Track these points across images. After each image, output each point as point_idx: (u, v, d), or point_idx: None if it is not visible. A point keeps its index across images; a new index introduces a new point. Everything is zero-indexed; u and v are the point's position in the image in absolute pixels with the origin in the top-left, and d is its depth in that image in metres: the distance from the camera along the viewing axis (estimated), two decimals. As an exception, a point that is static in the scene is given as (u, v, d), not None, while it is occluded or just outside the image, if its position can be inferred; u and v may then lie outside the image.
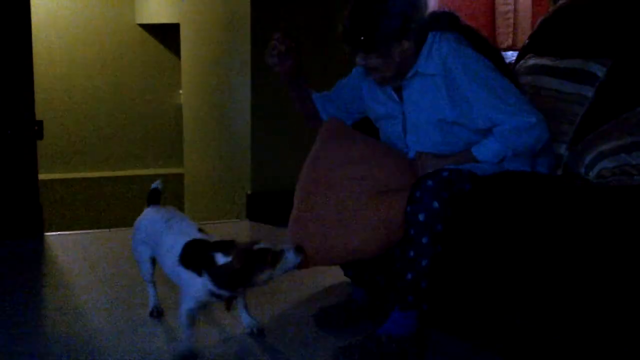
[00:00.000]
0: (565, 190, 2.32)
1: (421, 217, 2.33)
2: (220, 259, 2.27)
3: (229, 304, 2.43)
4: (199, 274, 2.30)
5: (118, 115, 6.81)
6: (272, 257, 2.29)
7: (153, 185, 2.79)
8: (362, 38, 2.41)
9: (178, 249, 2.38)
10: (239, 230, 4.26)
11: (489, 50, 2.51)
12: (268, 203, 4.39)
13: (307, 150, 2.68)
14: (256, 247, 2.29)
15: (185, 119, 5.74)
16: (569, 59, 2.80)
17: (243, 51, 4.40)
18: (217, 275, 2.28)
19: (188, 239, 2.39)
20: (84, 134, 6.71)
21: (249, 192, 4.45)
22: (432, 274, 2.38)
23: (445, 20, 2.51)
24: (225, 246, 2.30)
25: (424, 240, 2.34)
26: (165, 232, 2.50)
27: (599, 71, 2.69)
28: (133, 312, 2.83)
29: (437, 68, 2.45)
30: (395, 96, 2.58)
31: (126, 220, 6.31)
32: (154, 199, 2.75)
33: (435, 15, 2.51)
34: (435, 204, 2.32)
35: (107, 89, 6.74)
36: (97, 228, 4.34)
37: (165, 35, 6.62)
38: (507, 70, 2.54)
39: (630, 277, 1.98)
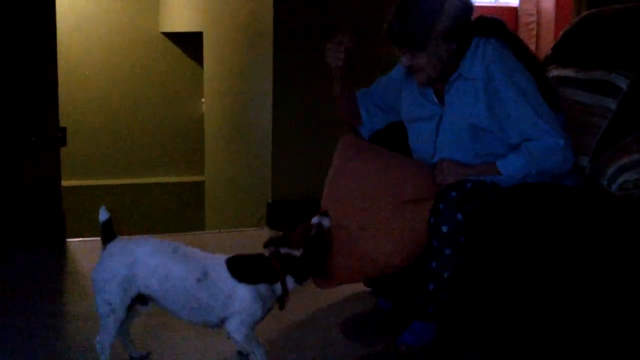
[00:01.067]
0: (588, 201, 2.31)
1: (444, 228, 2.32)
2: (295, 253, 2.28)
3: (282, 302, 2.32)
4: (257, 283, 2.23)
5: (140, 123, 6.85)
6: (319, 230, 2.32)
7: (104, 217, 2.31)
8: (411, 36, 2.41)
9: (221, 271, 2.24)
10: (260, 238, 4.25)
11: (531, 61, 2.49)
12: (289, 211, 4.40)
13: (328, 159, 2.69)
14: (306, 227, 2.31)
15: (207, 127, 5.76)
16: (592, 71, 2.79)
17: (265, 60, 4.42)
18: (299, 268, 2.28)
19: (219, 259, 2.27)
20: (106, 141, 6.76)
21: (269, 200, 4.46)
22: (454, 286, 2.38)
23: (492, 26, 2.50)
24: (282, 242, 2.31)
25: (447, 251, 2.34)
26: (180, 262, 2.24)
27: (623, 83, 2.68)
28: (154, 318, 2.83)
29: (480, 72, 2.43)
30: (435, 99, 2.57)
31: (148, 227, 6.36)
32: (110, 231, 2.31)
33: (482, 19, 2.50)
34: (459, 216, 2.32)
35: (130, 96, 6.78)
36: (119, 235, 4.35)
37: (188, 43, 6.65)
38: (547, 84, 2.51)
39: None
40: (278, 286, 2.28)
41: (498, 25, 2.51)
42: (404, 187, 2.47)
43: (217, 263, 2.25)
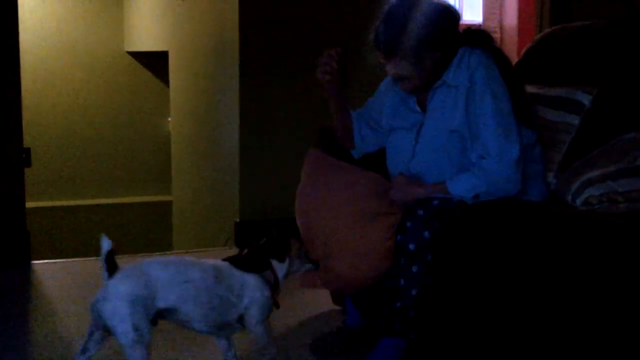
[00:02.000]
0: (553, 218, 2.33)
1: (412, 246, 2.33)
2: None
3: (277, 301, 2.39)
4: (259, 272, 2.35)
5: (106, 143, 6.81)
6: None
7: (108, 246, 2.21)
8: (397, 44, 2.42)
9: (228, 268, 2.33)
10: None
11: (511, 76, 2.51)
12: (257, 231, 4.38)
13: (296, 178, 2.69)
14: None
15: (174, 146, 5.74)
16: (555, 88, 2.83)
17: (231, 79, 4.42)
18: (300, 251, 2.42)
19: (219, 261, 2.38)
20: (71, 161, 6.71)
21: (237, 219, 4.44)
22: (422, 303, 2.38)
23: (478, 37, 2.52)
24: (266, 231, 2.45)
25: (414, 269, 2.35)
26: (194, 267, 2.29)
27: (585, 99, 2.72)
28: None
29: (464, 80, 2.45)
30: (417, 108, 2.59)
31: (115, 248, 6.30)
32: (113, 260, 2.23)
33: (469, 31, 2.52)
34: (426, 234, 2.33)
35: (95, 116, 6.75)
36: (85, 256, 4.31)
37: (154, 63, 6.63)
38: (523, 100, 2.53)
39: (618, 303, 1.99)
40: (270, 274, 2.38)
41: (484, 37, 2.54)
42: (367, 202, 2.48)
43: (220, 263, 2.34)
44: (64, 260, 4.20)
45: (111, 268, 2.19)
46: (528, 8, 5.76)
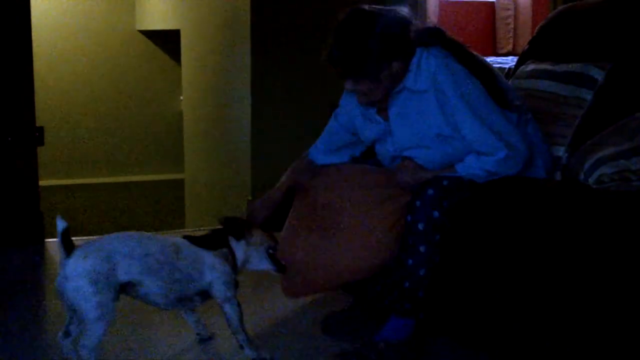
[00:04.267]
0: (564, 196, 2.33)
1: (420, 226, 2.33)
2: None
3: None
4: (217, 248, 2.38)
5: (118, 121, 6.82)
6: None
7: (63, 226, 2.21)
8: (351, 66, 2.38)
9: (187, 245, 2.36)
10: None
11: (475, 65, 2.47)
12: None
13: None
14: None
15: (186, 124, 5.74)
16: (567, 64, 2.81)
17: (243, 57, 4.41)
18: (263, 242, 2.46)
19: (178, 238, 2.42)
20: (84, 139, 6.72)
21: (249, 197, 4.45)
22: (430, 282, 2.39)
23: (432, 36, 2.47)
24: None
25: (422, 249, 2.35)
26: (153, 240, 2.33)
27: (598, 75, 2.69)
28: (134, 317, 2.82)
29: (427, 84, 2.40)
30: (378, 118, 2.55)
31: (127, 225, 6.34)
32: (69, 239, 2.22)
33: (420, 31, 2.45)
34: (435, 213, 2.33)
35: (107, 95, 6.75)
36: (98, 234, 4.33)
37: (166, 41, 6.62)
38: (495, 84, 2.49)
39: (629, 282, 1.99)
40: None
41: (437, 34, 2.49)
42: (376, 187, 2.49)
43: (177, 239, 2.38)
44: (77, 238, 4.19)
45: (68, 247, 2.19)
46: (542, -16, 5.73)
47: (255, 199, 4.38)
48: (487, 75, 2.48)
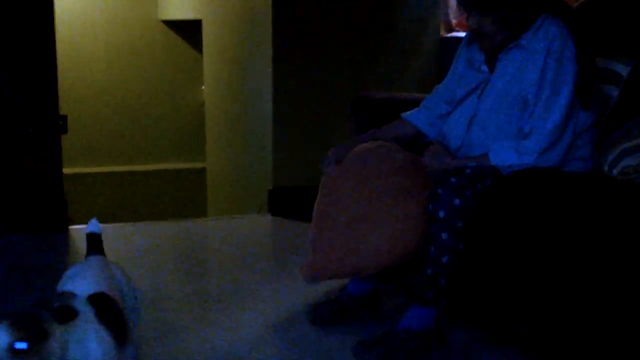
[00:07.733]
0: (589, 186, 2.32)
1: (441, 213, 2.33)
2: None
3: None
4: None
5: (141, 110, 6.86)
6: None
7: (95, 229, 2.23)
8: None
9: None
10: (262, 224, 4.28)
11: (584, 52, 2.51)
12: (290, 198, 4.41)
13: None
14: None
15: (208, 114, 5.77)
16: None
17: (265, 47, 4.42)
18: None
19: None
20: (108, 128, 6.77)
21: (271, 187, 4.47)
22: (453, 271, 2.39)
23: (559, 7, 2.53)
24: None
25: (444, 236, 2.35)
26: None
27: (623, 70, 2.68)
28: (157, 304, 2.85)
29: (541, 46, 2.46)
30: (484, 67, 2.61)
31: (149, 214, 6.38)
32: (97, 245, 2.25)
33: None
34: (457, 202, 2.32)
35: (130, 84, 6.79)
36: (121, 222, 4.37)
37: (188, 31, 6.65)
38: (588, 80, 2.54)
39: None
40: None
41: (565, 8, 2.55)
42: (402, 176, 2.48)
43: None
44: (102, 225, 4.24)
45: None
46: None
47: (275, 188, 4.42)
48: (588, 67, 2.53)
